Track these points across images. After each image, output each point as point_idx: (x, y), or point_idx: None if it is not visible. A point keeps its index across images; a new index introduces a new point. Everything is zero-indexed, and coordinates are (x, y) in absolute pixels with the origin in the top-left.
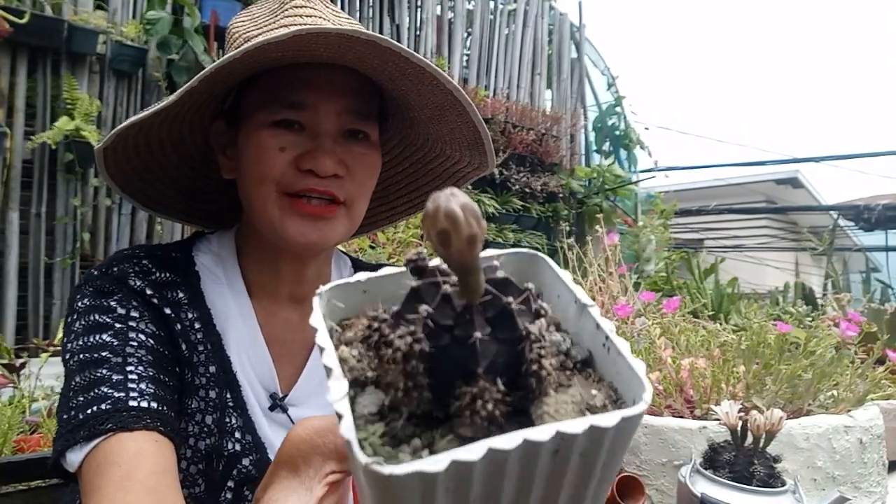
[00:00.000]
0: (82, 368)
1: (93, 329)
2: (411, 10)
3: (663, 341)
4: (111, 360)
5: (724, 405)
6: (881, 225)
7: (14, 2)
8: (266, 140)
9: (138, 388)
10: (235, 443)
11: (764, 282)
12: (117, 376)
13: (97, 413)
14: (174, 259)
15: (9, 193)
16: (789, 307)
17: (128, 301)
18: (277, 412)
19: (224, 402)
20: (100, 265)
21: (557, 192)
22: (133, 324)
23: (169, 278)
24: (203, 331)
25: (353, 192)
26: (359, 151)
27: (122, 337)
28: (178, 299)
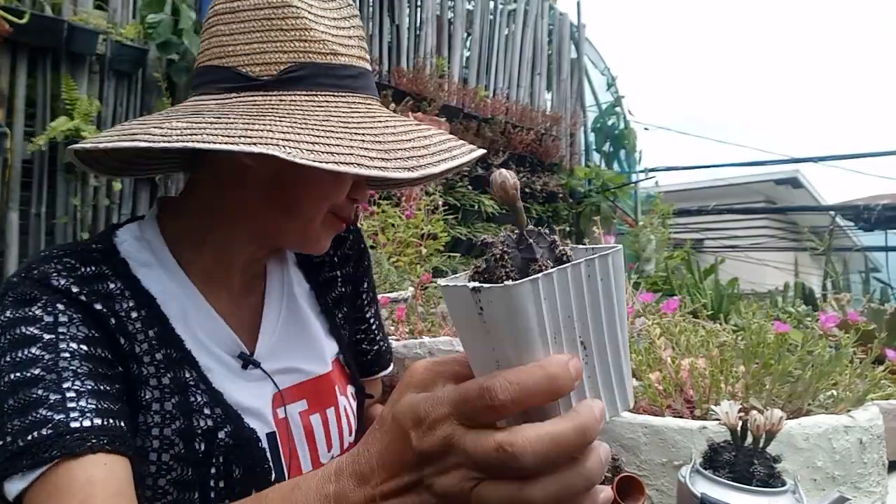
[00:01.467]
0: (15, 389)
1: (20, 343)
2: (411, 10)
3: (663, 341)
4: (45, 378)
5: (723, 405)
6: (881, 225)
7: (14, 2)
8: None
9: (78, 406)
10: (206, 419)
11: (764, 282)
12: (55, 396)
13: (39, 440)
14: (96, 251)
15: (8, 193)
16: (789, 307)
17: (53, 305)
18: (251, 369)
19: (183, 383)
20: (18, 270)
21: (557, 192)
22: (63, 330)
23: (95, 271)
24: (144, 318)
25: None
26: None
27: (52, 349)
28: (110, 291)
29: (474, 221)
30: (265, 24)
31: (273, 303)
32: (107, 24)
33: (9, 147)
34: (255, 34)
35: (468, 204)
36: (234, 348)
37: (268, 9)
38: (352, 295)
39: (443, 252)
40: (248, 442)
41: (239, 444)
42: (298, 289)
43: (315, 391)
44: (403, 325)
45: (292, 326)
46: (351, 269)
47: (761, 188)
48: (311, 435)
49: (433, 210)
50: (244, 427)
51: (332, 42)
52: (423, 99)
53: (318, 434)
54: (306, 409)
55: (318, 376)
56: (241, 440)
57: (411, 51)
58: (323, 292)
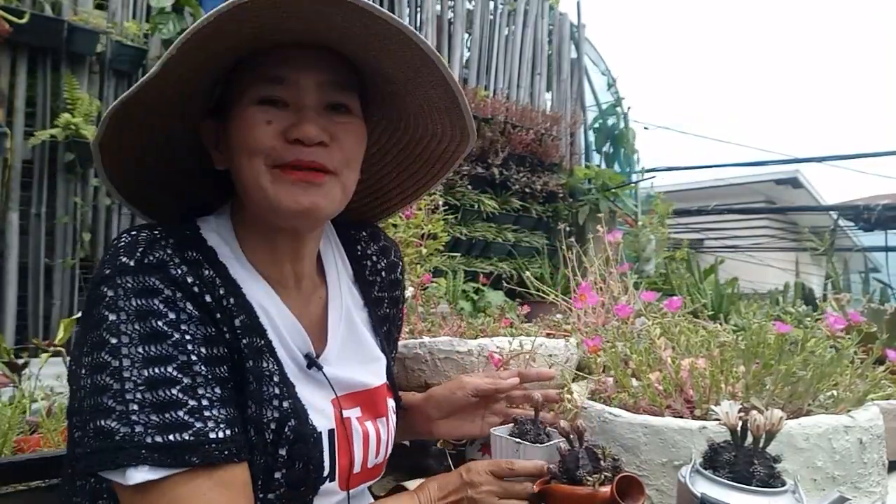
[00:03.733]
0: (152, 384)
1: (152, 337)
2: (411, 11)
3: (663, 341)
4: (182, 382)
5: (723, 405)
6: (881, 225)
7: (14, 2)
8: (253, 115)
9: (213, 415)
10: (275, 410)
11: (764, 282)
12: (192, 402)
13: (182, 443)
14: (189, 236)
15: (9, 194)
16: (789, 307)
17: (174, 301)
18: (314, 371)
19: (260, 372)
20: (127, 250)
21: (557, 192)
22: (185, 328)
23: (195, 257)
24: (233, 306)
25: (341, 161)
26: (341, 121)
27: (182, 349)
28: (208, 277)
29: (474, 221)
30: None
31: (334, 313)
32: (107, 24)
33: (9, 147)
34: None
35: (468, 204)
36: (305, 347)
37: None
38: (392, 317)
39: (443, 252)
40: (311, 437)
41: (301, 439)
42: (352, 303)
43: (369, 401)
44: (403, 325)
45: (350, 337)
46: (398, 293)
47: (761, 188)
48: (367, 440)
49: (433, 210)
50: (308, 423)
51: None
52: None
53: (373, 441)
54: (362, 416)
55: (374, 388)
56: (304, 435)
57: None
58: (374, 310)
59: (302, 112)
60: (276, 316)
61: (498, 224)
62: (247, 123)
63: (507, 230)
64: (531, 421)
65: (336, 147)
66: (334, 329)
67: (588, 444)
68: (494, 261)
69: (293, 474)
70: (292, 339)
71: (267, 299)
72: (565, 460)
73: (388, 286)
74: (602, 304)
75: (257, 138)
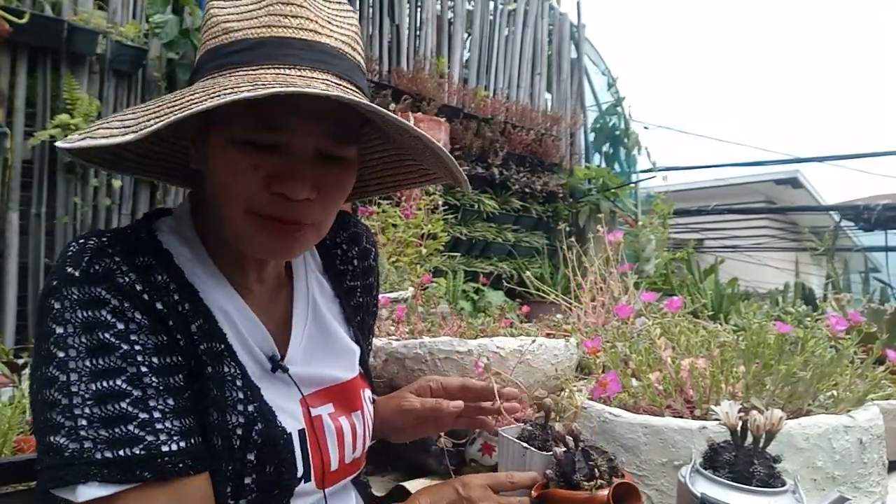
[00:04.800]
0: (100, 399)
1: (99, 350)
2: (411, 10)
3: (663, 341)
4: (132, 394)
5: (723, 405)
6: (881, 225)
7: (14, 2)
8: (239, 158)
9: (165, 427)
10: (239, 415)
11: (764, 282)
12: (143, 414)
13: (132, 458)
14: (140, 240)
15: (9, 194)
16: (789, 307)
17: (122, 311)
18: (279, 373)
19: (222, 377)
20: (73, 260)
21: (557, 192)
22: (135, 339)
23: (146, 262)
24: (189, 311)
25: (323, 213)
26: (334, 174)
27: (131, 361)
28: (159, 283)
29: (474, 221)
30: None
31: (300, 310)
32: (107, 24)
33: (9, 147)
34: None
35: (468, 204)
36: (268, 349)
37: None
38: (366, 305)
39: (443, 252)
40: (280, 440)
41: (270, 442)
42: (321, 296)
43: (341, 396)
44: (403, 324)
45: (318, 333)
46: (370, 280)
47: (761, 188)
48: (341, 436)
49: (433, 210)
50: (276, 425)
51: (225, 22)
52: (423, 99)
53: (347, 437)
54: (334, 412)
55: (346, 381)
56: (272, 438)
57: (411, 51)
58: (346, 300)
59: (293, 161)
60: (238, 318)
61: (498, 224)
62: (228, 164)
63: (507, 230)
64: (540, 426)
65: (320, 201)
66: (300, 325)
67: (584, 446)
68: (494, 261)
69: (264, 478)
70: (255, 341)
71: (228, 301)
72: (562, 464)
73: (361, 274)
74: (602, 303)
75: (239, 184)
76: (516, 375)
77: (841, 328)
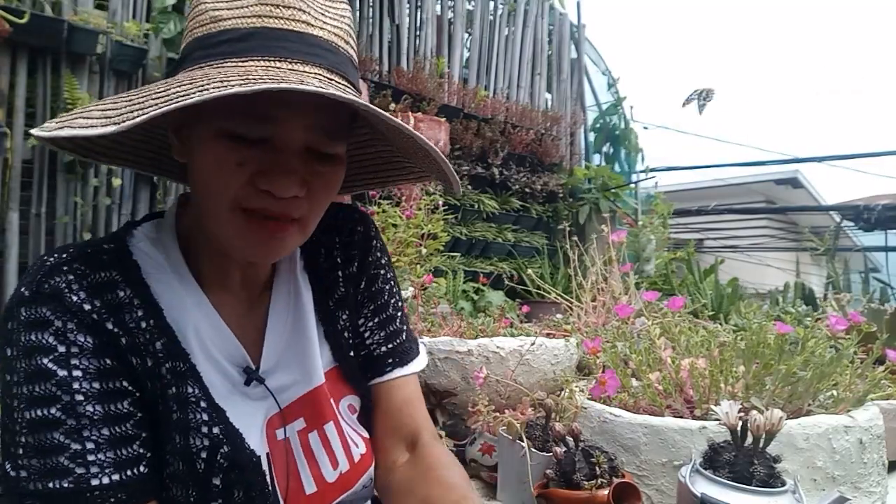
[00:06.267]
0: (34, 428)
1: (36, 376)
2: (411, 10)
3: (663, 341)
4: (66, 423)
5: (724, 405)
6: (881, 225)
7: (14, 2)
8: (224, 153)
9: (97, 459)
10: (203, 438)
11: (764, 282)
12: (75, 445)
13: (60, 491)
14: (108, 251)
15: (9, 193)
16: (789, 307)
17: (64, 333)
18: (254, 385)
19: (185, 398)
20: (30, 279)
21: (557, 192)
22: (76, 363)
23: (106, 278)
24: (152, 329)
25: (310, 210)
26: (323, 170)
27: (68, 389)
28: (119, 300)
29: (474, 221)
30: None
31: (279, 313)
32: (107, 24)
33: (9, 147)
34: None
35: (468, 204)
36: (240, 361)
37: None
38: (353, 295)
39: (443, 252)
40: (247, 463)
41: (237, 466)
42: (306, 296)
43: (311, 406)
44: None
45: (296, 337)
46: (355, 268)
47: (761, 188)
48: (310, 454)
49: (433, 210)
50: (244, 448)
51: (214, 10)
52: (423, 99)
53: (319, 453)
54: (305, 427)
55: (312, 390)
56: (239, 462)
57: (411, 51)
58: (325, 296)
59: (281, 157)
60: (206, 333)
61: (498, 224)
62: (213, 159)
63: (507, 230)
64: (541, 426)
65: (308, 197)
66: (277, 331)
67: (584, 446)
68: (494, 261)
69: (234, 501)
70: (225, 355)
71: (198, 313)
72: (562, 464)
73: (343, 264)
74: (602, 303)
75: (223, 181)
76: (516, 375)
77: (841, 328)
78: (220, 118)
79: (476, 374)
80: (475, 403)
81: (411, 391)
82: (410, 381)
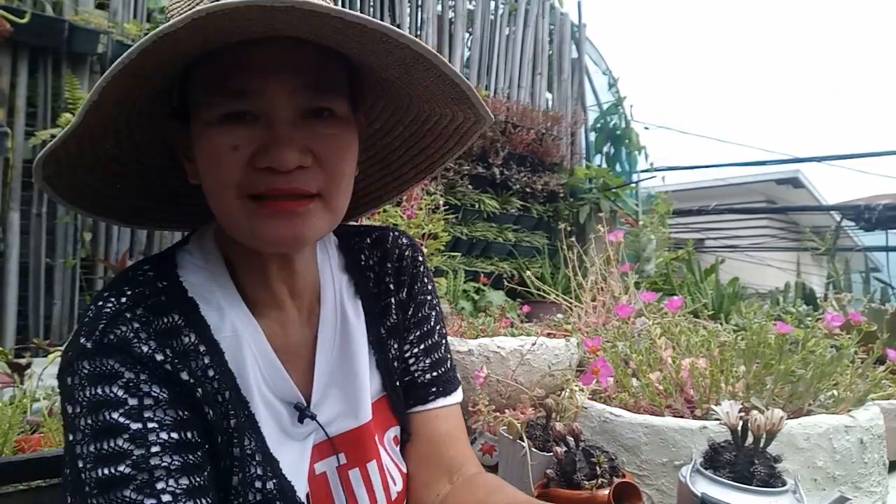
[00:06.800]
0: (103, 488)
1: (104, 433)
2: (412, 10)
3: (664, 341)
4: (137, 479)
5: (724, 405)
6: (882, 225)
7: (15, 2)
8: (215, 140)
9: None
10: (257, 493)
11: (764, 282)
12: (149, 500)
13: None
14: (165, 291)
15: (10, 193)
16: (790, 307)
17: (137, 385)
18: (307, 423)
19: (244, 453)
20: (89, 329)
21: (558, 192)
22: (150, 415)
23: (170, 323)
24: (218, 377)
25: (327, 181)
26: (325, 133)
27: (141, 442)
28: (186, 347)
29: (475, 221)
30: None
31: (325, 340)
32: (108, 24)
33: (10, 147)
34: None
35: (468, 203)
36: (291, 397)
37: None
38: (401, 321)
39: (443, 252)
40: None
41: None
42: (356, 322)
43: (356, 444)
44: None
45: (343, 363)
46: (404, 294)
47: (762, 188)
48: (350, 492)
49: (434, 210)
50: (296, 500)
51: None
52: None
53: (360, 491)
54: (345, 464)
55: (359, 427)
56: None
57: None
58: (377, 324)
59: (274, 129)
60: (263, 371)
61: (498, 224)
62: (209, 150)
63: (507, 230)
64: (541, 426)
65: (318, 166)
66: (324, 359)
67: (585, 446)
68: (495, 260)
69: None
70: (278, 393)
71: (254, 348)
72: (562, 463)
73: (395, 290)
74: (602, 303)
75: (223, 170)
76: (517, 375)
77: (836, 324)
78: (202, 107)
79: (476, 374)
80: (476, 403)
81: (455, 424)
82: (453, 412)
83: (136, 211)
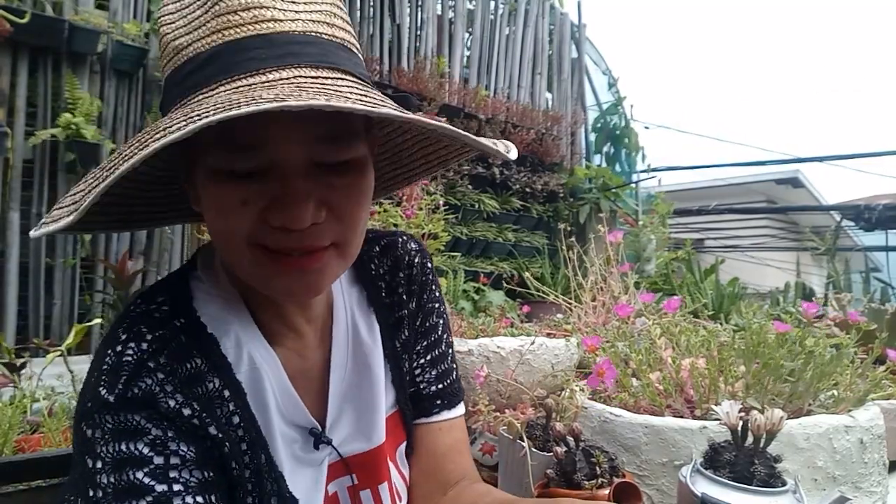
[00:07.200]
0: None
1: (128, 492)
2: (412, 10)
3: (664, 341)
4: None
5: (724, 405)
6: (881, 225)
7: (15, 1)
8: (225, 195)
9: None
10: None
11: (764, 282)
12: None
13: None
14: (184, 330)
15: (10, 193)
16: (789, 307)
17: (164, 441)
18: (322, 448)
19: (264, 492)
20: (110, 380)
21: (558, 192)
22: (176, 476)
23: (194, 369)
24: (242, 424)
25: (342, 231)
26: (341, 183)
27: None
28: (210, 393)
29: (475, 221)
30: None
31: (339, 359)
32: (108, 24)
33: (10, 146)
34: None
35: (468, 203)
36: (306, 423)
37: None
38: (412, 332)
39: (443, 252)
40: None
41: None
42: (369, 336)
43: (369, 467)
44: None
45: (356, 381)
46: (414, 304)
47: (762, 188)
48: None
49: (434, 210)
50: None
51: (174, 39)
52: (424, 98)
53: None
54: (357, 485)
55: (373, 449)
56: None
57: (412, 50)
58: (391, 338)
59: (285, 183)
60: (282, 407)
61: (498, 224)
62: (216, 200)
63: (507, 230)
64: (542, 426)
65: (334, 219)
66: (338, 379)
67: (585, 446)
68: (495, 260)
69: None
70: (295, 426)
71: (274, 382)
72: (562, 463)
73: (406, 301)
74: (602, 303)
75: (231, 222)
76: (517, 375)
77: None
78: (210, 157)
79: (476, 374)
80: (475, 403)
81: (457, 436)
82: (457, 425)
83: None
